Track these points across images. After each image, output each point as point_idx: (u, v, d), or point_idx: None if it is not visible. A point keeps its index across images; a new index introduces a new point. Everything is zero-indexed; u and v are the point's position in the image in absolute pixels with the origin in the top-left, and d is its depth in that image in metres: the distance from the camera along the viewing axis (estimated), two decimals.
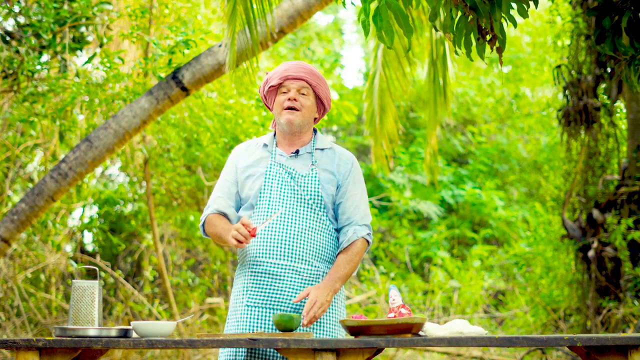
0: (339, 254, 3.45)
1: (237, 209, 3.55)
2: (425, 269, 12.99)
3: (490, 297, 11.18)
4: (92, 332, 3.12)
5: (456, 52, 3.25)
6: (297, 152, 3.52)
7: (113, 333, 3.13)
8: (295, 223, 3.43)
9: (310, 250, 3.43)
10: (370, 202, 12.13)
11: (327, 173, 3.49)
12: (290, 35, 13.10)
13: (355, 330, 3.05)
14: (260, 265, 3.42)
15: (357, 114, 10.38)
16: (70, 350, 3.08)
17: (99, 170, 10.48)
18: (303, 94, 3.50)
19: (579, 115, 8.56)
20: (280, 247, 3.41)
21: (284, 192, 3.45)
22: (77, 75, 6.70)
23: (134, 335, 3.22)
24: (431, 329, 3.09)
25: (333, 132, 16.30)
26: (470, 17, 3.09)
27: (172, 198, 9.67)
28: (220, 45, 6.36)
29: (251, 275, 3.43)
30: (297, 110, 3.48)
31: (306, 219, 3.44)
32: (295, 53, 14.62)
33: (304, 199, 3.45)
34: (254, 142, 3.62)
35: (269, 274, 3.41)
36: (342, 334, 3.52)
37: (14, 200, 9.26)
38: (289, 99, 3.48)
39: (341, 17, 17.50)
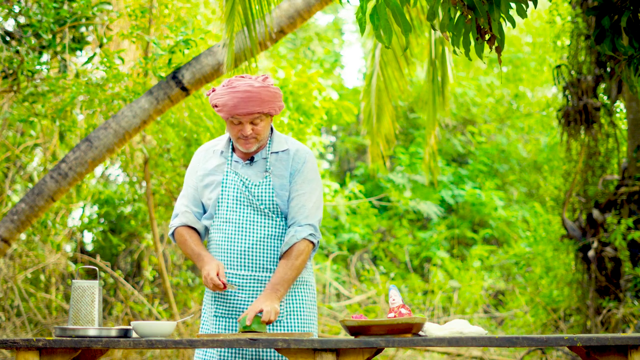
0: (280, 258, 3.40)
1: (204, 212, 3.55)
2: (425, 269, 12.99)
3: (490, 297, 11.18)
4: (92, 332, 3.12)
5: (455, 52, 3.25)
6: (252, 159, 3.47)
7: (113, 333, 3.13)
8: (252, 232, 3.43)
9: (269, 257, 3.43)
10: (370, 202, 12.13)
11: (280, 179, 3.45)
12: (290, 35, 13.11)
13: (355, 330, 3.05)
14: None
15: (357, 113, 10.38)
16: (70, 350, 3.08)
17: (99, 170, 10.48)
18: (256, 123, 3.40)
19: (579, 115, 8.56)
20: (240, 258, 3.42)
21: (241, 201, 3.44)
22: (77, 75, 6.70)
23: (134, 335, 3.22)
24: (431, 329, 3.09)
25: (333, 132, 16.31)
26: (468, 16, 3.09)
27: (172, 198, 9.67)
28: (219, 46, 6.37)
29: None
30: (253, 138, 3.41)
31: (263, 227, 3.43)
32: (295, 53, 14.63)
33: (259, 208, 3.43)
34: (212, 147, 3.56)
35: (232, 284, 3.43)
36: (314, 331, 3.53)
37: (14, 200, 9.26)
38: (243, 135, 3.39)
39: (341, 17, 17.51)
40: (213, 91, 3.44)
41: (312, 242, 3.43)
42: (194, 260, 3.45)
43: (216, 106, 3.42)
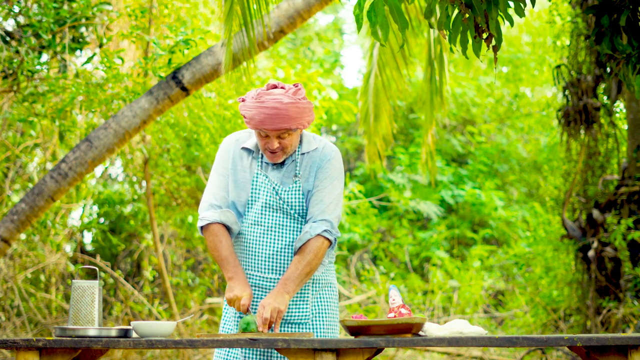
0: (294, 254, 3.38)
1: None
2: (425, 269, 12.99)
3: (490, 297, 11.18)
4: (92, 332, 3.12)
5: (451, 50, 3.25)
6: (282, 162, 3.44)
7: (113, 333, 3.13)
8: (281, 236, 3.41)
9: None
10: (370, 202, 12.12)
11: (312, 180, 3.43)
12: (290, 35, 13.10)
13: (355, 330, 3.05)
14: (250, 278, 3.44)
15: (356, 113, 10.38)
16: (70, 350, 3.08)
17: (99, 170, 10.48)
18: (283, 137, 3.35)
19: (579, 115, 8.56)
20: (268, 261, 3.41)
21: (270, 205, 3.41)
22: (77, 75, 6.70)
23: (134, 335, 3.22)
24: (431, 329, 3.09)
25: (333, 132, 16.31)
26: (466, 15, 3.09)
27: (172, 198, 9.67)
28: (219, 46, 6.36)
29: None
30: (280, 151, 3.38)
31: (292, 231, 3.41)
32: (295, 53, 14.63)
33: (288, 212, 3.41)
34: (242, 141, 3.51)
35: (258, 287, 3.42)
36: (337, 333, 3.51)
37: (14, 200, 9.26)
38: (270, 149, 3.36)
39: (341, 17, 17.52)
40: (243, 101, 3.39)
41: (327, 239, 3.37)
42: (223, 267, 3.39)
43: (245, 116, 3.38)
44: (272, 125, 3.30)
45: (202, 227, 3.46)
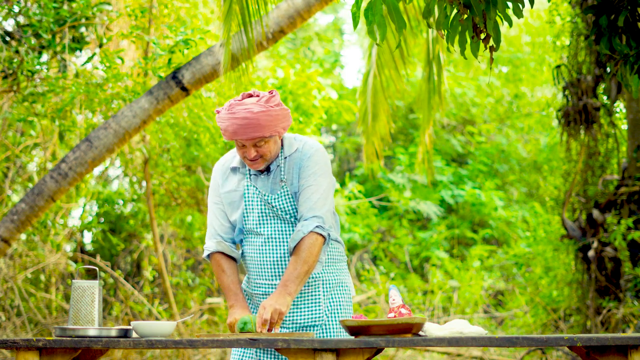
0: (290, 255, 3.38)
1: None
2: (425, 269, 13.00)
3: (490, 297, 11.18)
4: (92, 332, 3.12)
5: (448, 49, 3.24)
6: (268, 168, 3.45)
7: (113, 333, 3.13)
8: (282, 243, 3.43)
9: None
10: (370, 202, 12.13)
11: (296, 182, 3.44)
12: (290, 35, 13.11)
13: (355, 330, 3.05)
14: (259, 287, 3.48)
15: (357, 113, 10.38)
16: (70, 350, 3.08)
17: (99, 170, 10.48)
18: (259, 145, 3.36)
19: (579, 115, 8.56)
20: (273, 268, 3.44)
21: (266, 213, 3.44)
22: (77, 75, 6.70)
23: (134, 335, 3.22)
24: (431, 329, 3.09)
25: (333, 132, 16.32)
26: (464, 15, 3.08)
27: (172, 198, 9.67)
28: (219, 45, 6.36)
29: (254, 296, 3.52)
30: (259, 158, 3.39)
31: (291, 236, 3.43)
32: (295, 53, 14.63)
33: (284, 218, 3.43)
34: (229, 163, 3.55)
35: (267, 294, 3.46)
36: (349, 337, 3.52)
37: (14, 200, 9.26)
38: (248, 158, 3.38)
39: (341, 17, 17.52)
40: (218, 113, 3.42)
41: (321, 235, 3.36)
42: (225, 295, 3.48)
43: (221, 128, 3.41)
44: (245, 135, 3.32)
45: (208, 257, 3.55)
